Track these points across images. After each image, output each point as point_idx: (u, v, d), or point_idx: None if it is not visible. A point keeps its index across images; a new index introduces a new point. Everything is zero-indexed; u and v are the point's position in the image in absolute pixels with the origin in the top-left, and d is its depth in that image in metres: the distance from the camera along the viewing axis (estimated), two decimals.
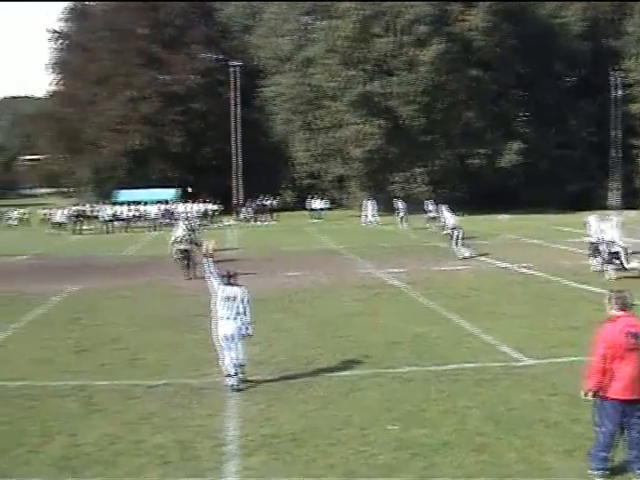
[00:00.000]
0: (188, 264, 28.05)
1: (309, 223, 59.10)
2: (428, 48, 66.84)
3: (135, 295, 24.11)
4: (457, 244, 32.45)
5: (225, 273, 13.54)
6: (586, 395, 9.01)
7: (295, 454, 9.86)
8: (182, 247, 28.69)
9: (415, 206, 54.26)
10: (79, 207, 62.62)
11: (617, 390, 8.76)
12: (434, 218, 47.57)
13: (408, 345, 15.81)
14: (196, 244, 28.46)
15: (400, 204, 54.39)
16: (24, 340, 17.48)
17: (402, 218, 52.65)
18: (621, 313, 8.97)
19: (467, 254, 31.84)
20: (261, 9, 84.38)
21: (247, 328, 13.10)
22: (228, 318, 13.00)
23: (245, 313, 13.09)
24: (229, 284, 13.35)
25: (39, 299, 23.63)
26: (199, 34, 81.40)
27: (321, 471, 9.36)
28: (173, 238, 30.01)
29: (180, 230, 29.81)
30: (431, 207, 51.38)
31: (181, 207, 61.26)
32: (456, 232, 32.66)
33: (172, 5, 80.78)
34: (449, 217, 34.40)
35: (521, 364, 14.13)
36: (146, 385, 13.19)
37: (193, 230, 31.28)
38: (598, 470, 8.96)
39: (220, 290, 13.23)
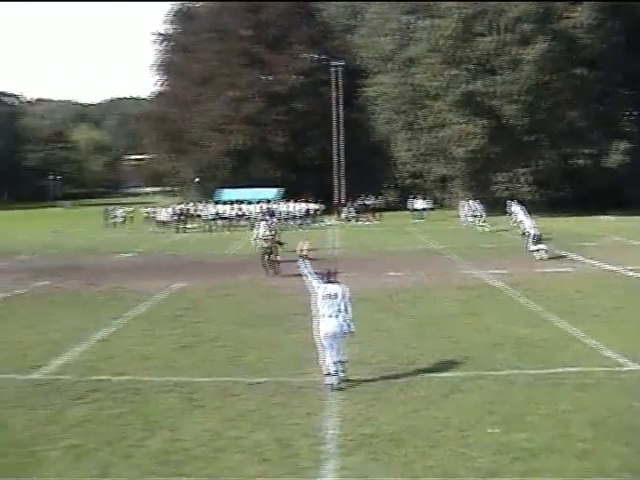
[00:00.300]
0: (270, 262, 28.70)
1: (411, 223, 58.79)
2: (532, 46, 65.63)
3: (236, 293, 24.32)
4: (532, 245, 31.90)
5: (325, 271, 13.53)
6: None
7: (394, 455, 9.76)
8: (265, 245, 29.18)
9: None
10: (183, 206, 63.68)
11: None
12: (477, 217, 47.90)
13: (510, 347, 15.52)
14: (279, 243, 29.43)
15: (477, 205, 53.95)
16: (128, 336, 17.79)
17: (480, 219, 51.98)
18: None
19: (538, 257, 31.22)
20: (363, 9, 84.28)
21: (349, 325, 13.03)
22: (330, 316, 12.93)
23: (346, 310, 13.02)
24: (329, 282, 13.32)
25: (143, 296, 24.05)
26: (301, 34, 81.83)
27: (419, 472, 9.24)
28: (255, 235, 30.94)
29: (262, 228, 30.25)
30: (514, 208, 50.90)
31: (283, 206, 61.62)
32: (532, 232, 32.15)
33: (275, 6, 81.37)
34: (525, 218, 33.84)
35: (626, 369, 13.71)
36: (246, 382, 13.26)
37: (275, 229, 31.55)
38: None
39: (321, 288, 13.20)
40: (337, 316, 12.92)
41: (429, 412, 11.41)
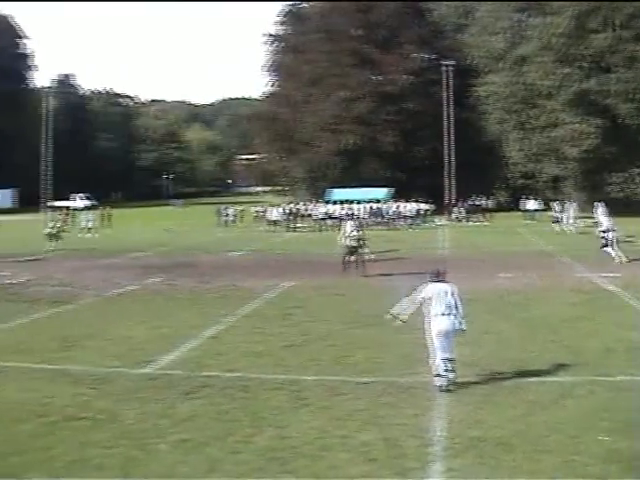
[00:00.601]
0: (355, 261, 29.07)
1: (522, 224, 57.97)
2: None
3: (346, 293, 24.35)
4: (613, 247, 31.08)
5: (434, 271, 13.45)
6: None
7: (502, 459, 9.59)
8: (351, 244, 29.40)
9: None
10: (293, 205, 64.22)
11: None
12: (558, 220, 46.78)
13: (624, 353, 15.09)
14: (364, 241, 29.78)
15: (557, 206, 52.89)
16: (237, 333, 17.99)
17: (565, 220, 50.84)
18: None
19: (617, 260, 30.43)
20: (474, 8, 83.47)
21: (460, 323, 12.93)
22: (443, 314, 12.84)
23: (457, 308, 12.95)
24: (438, 282, 13.24)
25: (253, 294, 24.33)
26: (412, 34, 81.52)
27: (527, 478, 9.07)
28: (341, 234, 31.22)
29: (349, 227, 30.53)
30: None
31: (393, 206, 61.55)
32: (610, 234, 31.29)
33: (385, 6, 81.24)
34: (604, 219, 32.99)
35: None
36: (354, 382, 13.25)
37: (361, 227, 31.91)
38: None
39: (430, 288, 13.13)
40: (449, 314, 12.83)
41: (538, 417, 11.18)
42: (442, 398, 12.23)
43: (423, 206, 63.68)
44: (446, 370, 12.75)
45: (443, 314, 12.83)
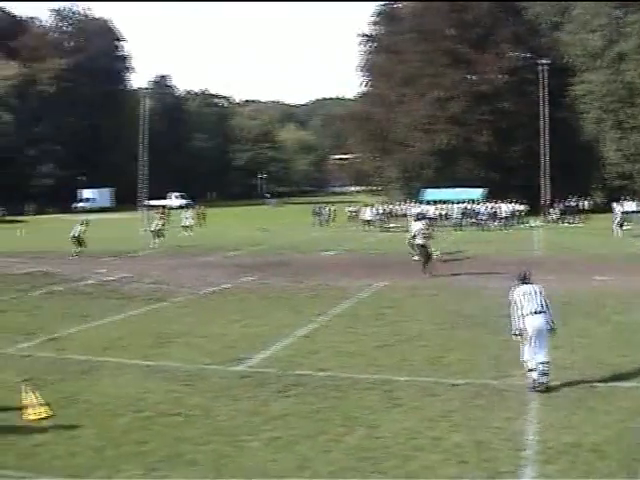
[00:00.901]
0: (425, 260, 29.24)
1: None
2: None
3: (439, 293, 24.20)
4: None
5: (521, 273, 13.37)
6: None
7: (595, 466, 9.36)
8: (419, 242, 29.63)
9: None
10: (387, 205, 64.17)
11: None
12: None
13: None
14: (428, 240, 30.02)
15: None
16: (330, 332, 18.02)
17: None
18: None
19: None
20: (570, 5, 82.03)
21: (551, 322, 12.82)
22: (536, 312, 12.72)
23: (547, 307, 12.82)
24: (524, 283, 13.16)
25: (346, 293, 24.36)
26: (507, 33, 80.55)
27: None
28: (411, 234, 31.40)
29: (420, 225, 30.57)
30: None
31: (487, 207, 60.98)
32: None
33: (479, 5, 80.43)
34: None
35: None
36: (447, 383, 13.14)
37: (429, 227, 32.15)
38: None
39: (518, 290, 13.05)
40: (542, 312, 12.72)
41: (635, 423, 10.91)
42: (535, 402, 12.05)
43: (517, 207, 62.95)
44: (543, 374, 12.58)
45: (536, 312, 12.70)
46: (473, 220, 59.68)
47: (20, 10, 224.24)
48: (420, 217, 35.49)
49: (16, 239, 54.63)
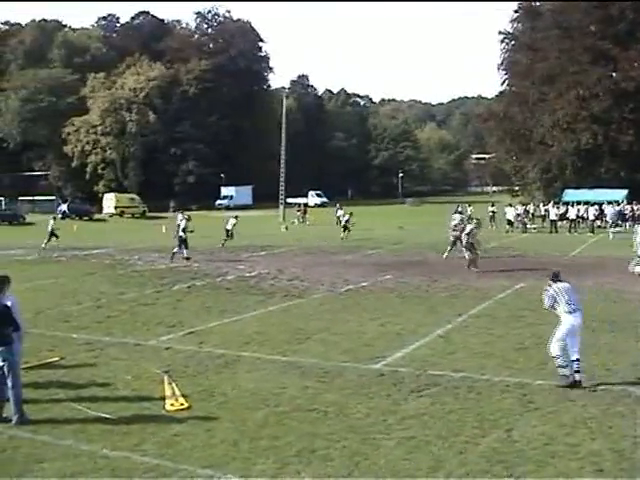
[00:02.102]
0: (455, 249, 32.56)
1: None
2: None
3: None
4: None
5: (554, 273, 13.86)
6: None
7: None
8: (453, 234, 32.32)
9: None
10: (528, 206, 63.27)
11: None
12: None
13: None
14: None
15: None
16: (467, 333, 17.92)
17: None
18: None
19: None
20: None
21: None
22: (574, 310, 13.33)
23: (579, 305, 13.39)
24: (558, 281, 13.60)
25: (484, 294, 24.16)
26: None
27: None
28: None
29: (457, 218, 33.81)
30: None
31: (629, 208, 59.26)
32: None
33: (624, 0, 77.91)
34: None
35: None
36: (585, 389, 12.88)
37: (462, 221, 35.10)
38: None
39: (554, 288, 13.53)
40: (577, 310, 13.39)
41: None
42: None
43: None
44: (577, 371, 13.01)
45: (575, 310, 13.25)
46: (616, 221, 57.97)
47: (165, 13, 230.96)
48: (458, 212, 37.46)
49: (161, 235, 56.10)
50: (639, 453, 9.87)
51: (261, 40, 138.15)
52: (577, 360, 13.19)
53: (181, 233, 36.19)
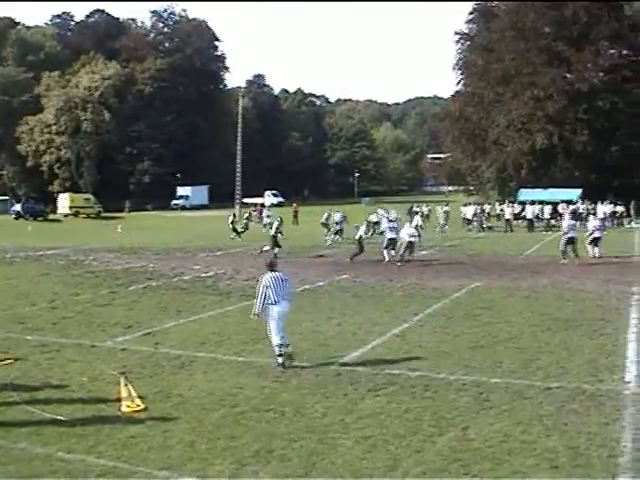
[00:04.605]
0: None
1: None
2: None
3: (534, 295, 23.89)
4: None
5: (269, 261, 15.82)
6: None
7: None
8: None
9: None
10: (483, 206, 63.81)
11: None
12: None
13: None
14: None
15: None
16: (423, 332, 17.97)
17: None
18: None
19: None
20: None
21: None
22: (279, 301, 14.73)
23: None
24: (271, 270, 15.12)
25: (440, 293, 24.26)
26: (606, 30, 78.67)
27: None
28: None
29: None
30: None
31: (584, 208, 59.93)
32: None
33: (577, 2, 78.75)
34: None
35: None
36: (540, 387, 12.98)
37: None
38: None
39: (265, 278, 15.00)
40: (283, 300, 14.81)
41: None
42: (631, 407, 11.81)
43: (616, 208, 61.66)
44: (279, 355, 14.57)
45: (279, 300, 14.82)
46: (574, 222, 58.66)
47: (120, 12, 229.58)
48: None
49: (116, 235, 55.75)
50: (593, 449, 9.97)
51: (217, 39, 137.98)
52: (281, 345, 14.57)
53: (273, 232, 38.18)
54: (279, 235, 38.51)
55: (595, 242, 35.10)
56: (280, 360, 14.56)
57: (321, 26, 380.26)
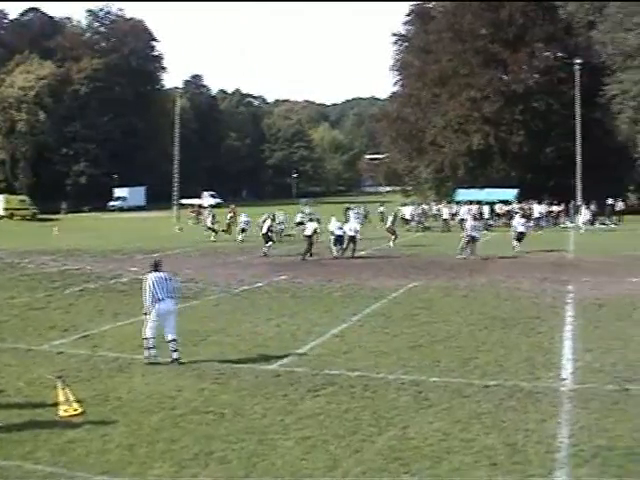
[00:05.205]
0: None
1: None
2: None
3: (472, 294, 24.11)
4: None
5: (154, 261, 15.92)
6: None
7: (629, 470, 9.26)
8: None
9: None
10: (421, 206, 64.18)
11: None
12: None
13: None
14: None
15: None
16: (362, 332, 18.04)
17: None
18: None
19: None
20: (605, 4, 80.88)
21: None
22: (164, 298, 14.97)
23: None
24: (154, 271, 15.45)
25: (379, 293, 24.36)
26: (540, 32, 79.72)
27: None
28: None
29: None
30: None
31: (519, 207, 60.65)
32: None
33: (513, 4, 79.73)
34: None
35: None
36: (479, 385, 13.10)
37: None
38: None
39: (149, 278, 15.26)
40: (167, 298, 15.06)
41: None
42: (568, 404, 11.99)
43: (551, 207, 62.52)
44: (174, 350, 14.98)
45: (163, 298, 15.02)
46: (507, 220, 59.37)
47: (55, 10, 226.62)
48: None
49: (52, 237, 55.05)
50: (531, 446, 10.08)
51: (154, 39, 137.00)
52: (173, 340, 14.98)
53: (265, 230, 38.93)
54: (270, 233, 39.89)
55: (519, 238, 38.01)
56: (147, 354, 15.07)
57: (258, 26, 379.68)
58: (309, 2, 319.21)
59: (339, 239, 37.26)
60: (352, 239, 37.44)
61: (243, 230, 48.17)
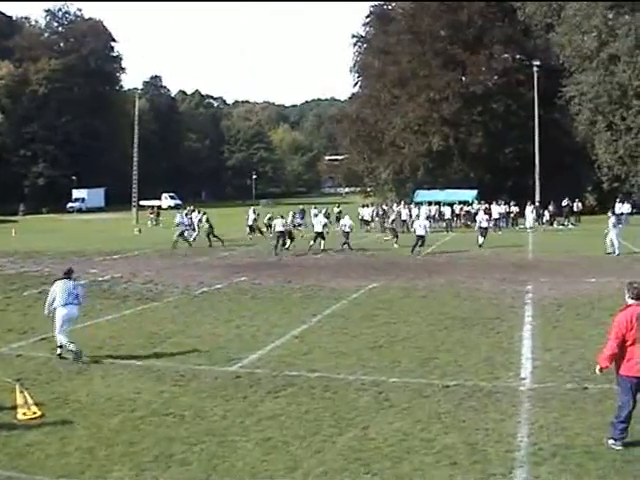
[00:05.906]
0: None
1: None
2: None
3: (431, 295, 24.20)
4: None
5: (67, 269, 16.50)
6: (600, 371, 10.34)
7: (588, 468, 9.34)
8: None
9: None
10: (381, 206, 64.30)
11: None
12: None
13: None
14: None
15: None
16: (322, 333, 18.04)
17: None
18: (632, 302, 10.32)
19: None
20: (564, 6, 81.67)
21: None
22: (67, 304, 15.57)
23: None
24: (63, 278, 16.10)
25: (338, 294, 24.37)
26: (499, 34, 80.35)
27: None
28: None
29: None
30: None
31: (480, 208, 60.99)
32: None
33: (472, 6, 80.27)
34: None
35: None
36: (439, 385, 13.15)
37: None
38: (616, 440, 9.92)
39: (54, 285, 16.14)
40: (69, 304, 15.61)
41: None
42: (527, 404, 12.07)
43: (510, 208, 62.94)
44: (60, 346, 15.44)
45: (66, 304, 15.70)
46: (466, 221, 59.73)
47: (13, 10, 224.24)
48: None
49: (10, 239, 54.51)
50: (491, 445, 10.14)
51: (113, 40, 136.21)
52: (61, 347, 15.42)
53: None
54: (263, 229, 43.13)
55: (483, 233, 41.10)
56: (59, 351, 15.59)
57: (218, 27, 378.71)
58: (269, 2, 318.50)
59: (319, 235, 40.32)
60: (320, 235, 40.24)
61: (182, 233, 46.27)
